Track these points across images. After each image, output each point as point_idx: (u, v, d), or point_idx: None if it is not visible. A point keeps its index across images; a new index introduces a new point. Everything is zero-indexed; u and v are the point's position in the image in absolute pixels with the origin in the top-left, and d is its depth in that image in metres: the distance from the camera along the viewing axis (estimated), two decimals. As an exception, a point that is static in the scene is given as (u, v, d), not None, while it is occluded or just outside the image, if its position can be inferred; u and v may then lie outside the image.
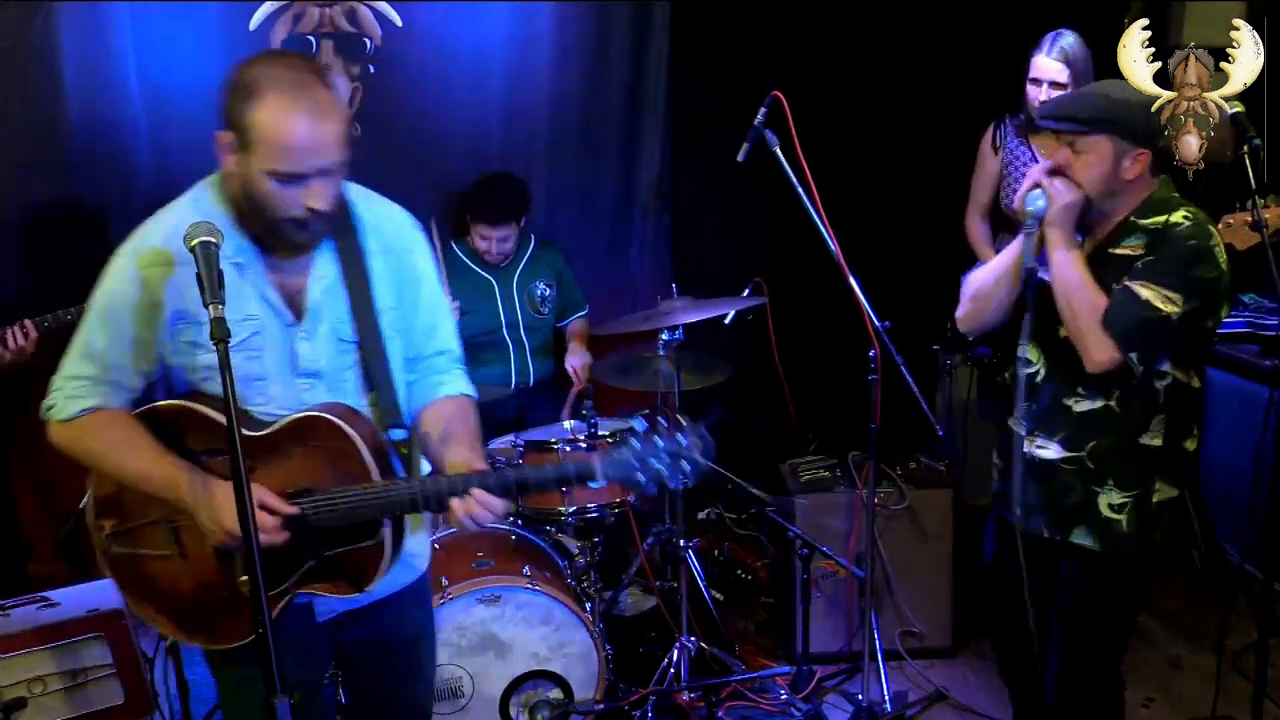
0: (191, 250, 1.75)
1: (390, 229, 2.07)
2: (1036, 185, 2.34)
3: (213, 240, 1.76)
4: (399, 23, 4.09)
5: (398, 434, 2.01)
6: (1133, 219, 2.34)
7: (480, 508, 1.87)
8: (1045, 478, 2.45)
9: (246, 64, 1.87)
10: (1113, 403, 2.35)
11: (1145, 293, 2.23)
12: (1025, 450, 2.45)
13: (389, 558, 1.95)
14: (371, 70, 4.10)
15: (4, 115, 3.81)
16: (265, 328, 1.95)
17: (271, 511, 1.87)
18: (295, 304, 1.98)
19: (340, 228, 2.00)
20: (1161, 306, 2.22)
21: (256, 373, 1.96)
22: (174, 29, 3.88)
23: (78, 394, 1.96)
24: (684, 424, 1.88)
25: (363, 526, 1.92)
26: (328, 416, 1.92)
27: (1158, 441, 2.36)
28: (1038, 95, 3.47)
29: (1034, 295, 2.38)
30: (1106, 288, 2.30)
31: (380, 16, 4.07)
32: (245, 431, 1.92)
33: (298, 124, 1.80)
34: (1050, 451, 2.43)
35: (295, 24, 4.01)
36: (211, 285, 1.71)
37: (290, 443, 1.93)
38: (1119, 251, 2.33)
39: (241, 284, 1.93)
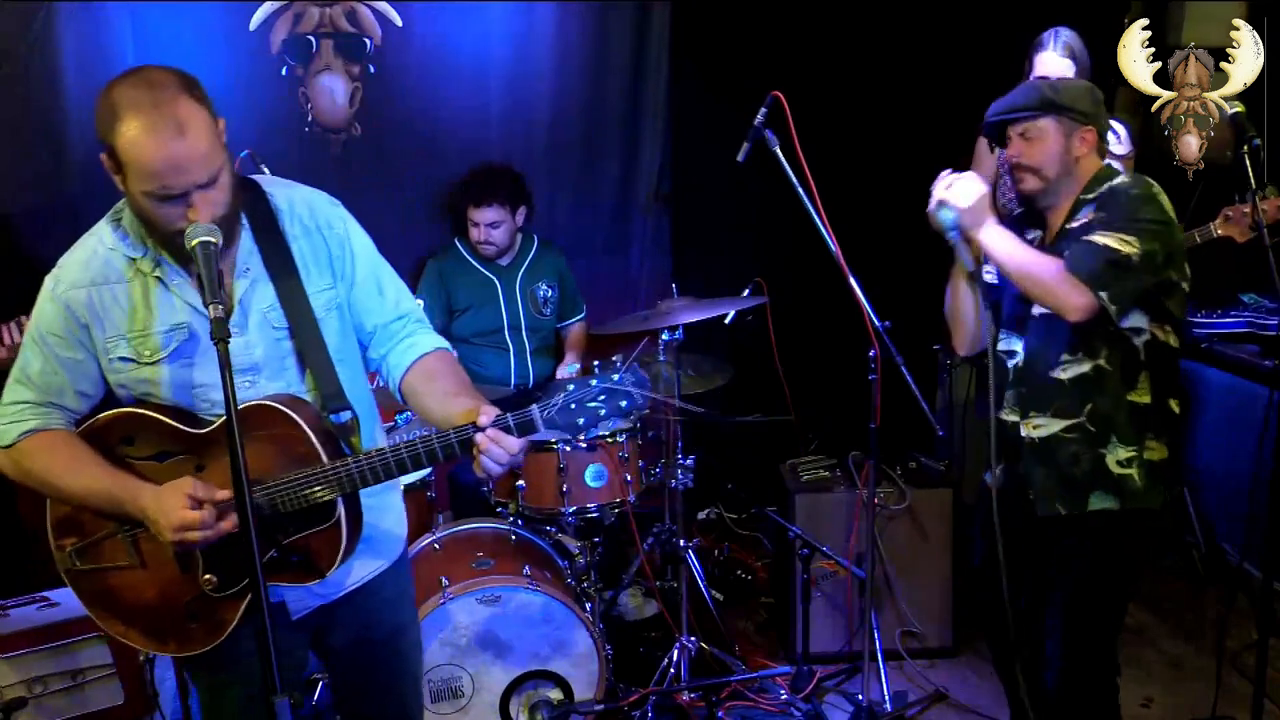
0: (191, 250, 1.76)
1: (305, 209, 2.05)
2: (939, 203, 2.45)
3: (212, 240, 1.76)
4: (399, 23, 4.09)
5: (342, 416, 2.00)
6: (1082, 197, 2.43)
7: (493, 445, 1.84)
8: (1048, 454, 2.47)
9: (111, 85, 1.85)
10: (1102, 361, 2.40)
11: (1101, 239, 2.30)
12: (1023, 435, 2.49)
13: (346, 539, 1.95)
14: (371, 70, 4.10)
15: (4, 115, 3.81)
16: (196, 334, 1.95)
17: (202, 502, 1.86)
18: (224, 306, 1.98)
19: (257, 218, 1.99)
20: (1120, 248, 2.29)
21: (195, 380, 1.96)
22: (174, 29, 3.88)
23: (17, 418, 1.98)
24: (616, 362, 1.87)
25: (317, 509, 1.92)
26: (268, 404, 1.92)
27: (1147, 399, 2.41)
28: None
29: (989, 292, 2.48)
30: None
31: (380, 16, 4.07)
32: (190, 430, 1.93)
33: (159, 146, 1.77)
34: (1048, 426, 2.47)
35: (295, 24, 4.01)
36: (211, 285, 1.72)
37: None
38: (1075, 225, 2.42)
39: (168, 296, 1.94)
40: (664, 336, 3.32)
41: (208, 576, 1.94)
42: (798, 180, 3.04)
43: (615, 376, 1.84)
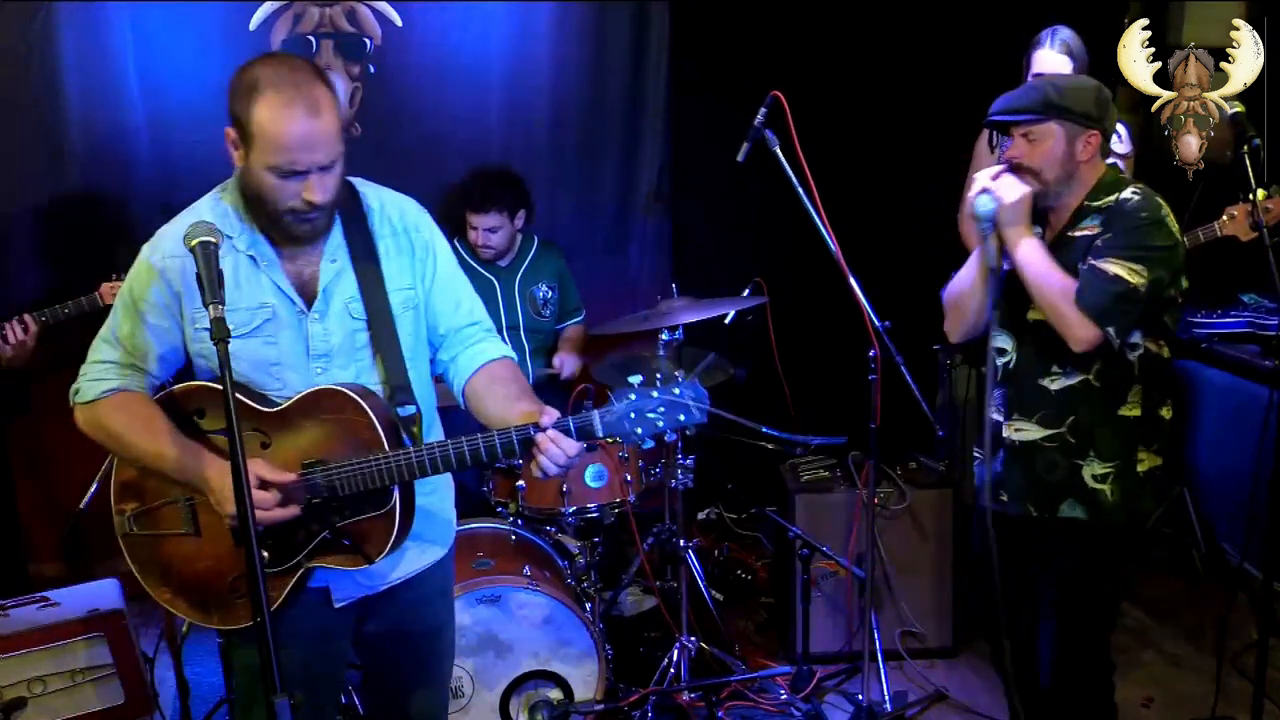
0: (191, 250, 1.78)
1: (395, 211, 2.14)
2: (983, 191, 2.41)
3: (212, 241, 1.79)
4: (399, 23, 4.09)
5: (407, 410, 2.06)
6: (1086, 203, 2.42)
7: (552, 445, 1.88)
8: (1027, 458, 2.50)
9: (249, 64, 1.93)
10: (1090, 377, 2.41)
11: (1112, 268, 2.30)
12: (1005, 436, 2.51)
13: (399, 527, 1.99)
14: (371, 70, 4.10)
15: (4, 115, 3.81)
16: (278, 315, 2.02)
17: (267, 485, 1.91)
18: (308, 290, 2.05)
19: (349, 214, 2.07)
20: (1129, 278, 2.29)
21: (272, 358, 2.03)
22: (174, 29, 3.88)
23: (101, 376, 2.04)
24: (678, 375, 1.89)
25: (373, 495, 1.96)
26: (340, 389, 1.99)
27: (1136, 412, 2.43)
28: None
29: (999, 290, 2.46)
30: (1071, 270, 2.37)
31: (380, 16, 4.08)
32: (261, 408, 2.00)
33: (294, 121, 1.86)
34: (1030, 432, 2.49)
35: (295, 24, 4.01)
36: (211, 285, 1.74)
37: (303, 416, 1.99)
38: (1077, 234, 2.41)
39: (256, 275, 2.01)
40: (664, 336, 3.32)
41: (261, 552, 1.96)
42: (798, 180, 3.04)
43: (677, 390, 1.86)
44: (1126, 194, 2.37)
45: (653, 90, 4.39)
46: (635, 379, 1.89)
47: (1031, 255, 2.38)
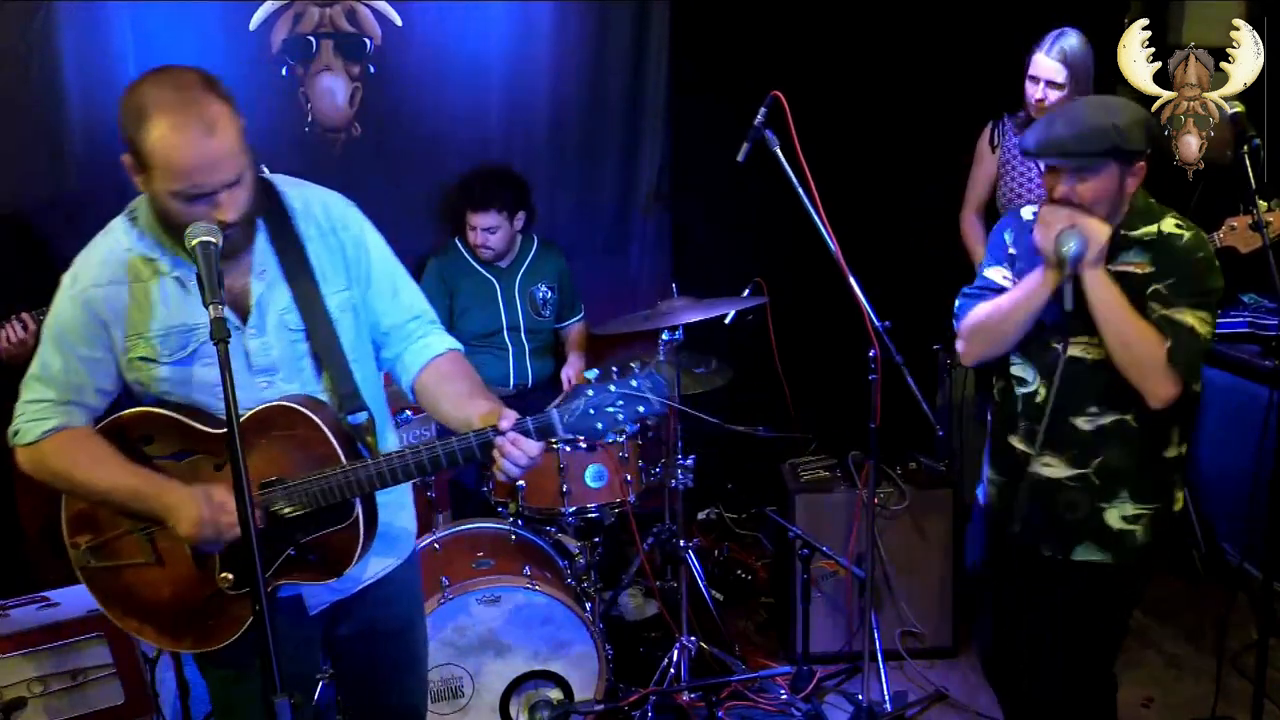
0: (191, 251, 1.76)
1: (320, 210, 2.06)
2: (1070, 227, 2.25)
3: (212, 240, 1.77)
4: (399, 23, 4.09)
5: (358, 418, 2.02)
6: (1123, 232, 2.33)
7: (513, 447, 1.86)
8: (1047, 495, 2.43)
9: (136, 84, 1.83)
10: (1129, 418, 2.35)
11: (1187, 320, 2.25)
12: (1031, 469, 2.42)
13: (363, 539, 1.97)
14: (371, 70, 4.09)
15: (4, 115, 3.81)
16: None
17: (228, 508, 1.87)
18: (241, 305, 1.98)
19: (272, 219, 2.00)
20: (1202, 330, 2.26)
21: (213, 379, 1.93)
22: (174, 29, 3.88)
23: (40, 416, 1.98)
24: (634, 367, 1.88)
25: (335, 510, 1.94)
26: (289, 404, 1.95)
27: (1174, 452, 2.39)
28: (1034, 93, 3.47)
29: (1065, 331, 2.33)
30: None
31: (380, 16, 4.07)
32: (210, 430, 1.94)
33: (189, 145, 1.77)
34: (1056, 470, 2.42)
35: (295, 24, 4.01)
36: (211, 285, 1.72)
37: (255, 435, 1.94)
38: (1121, 269, 2.32)
39: (185, 296, 1.95)
40: (664, 336, 3.32)
41: (224, 574, 1.95)
42: (798, 180, 3.03)
43: (634, 382, 1.86)
44: (1169, 228, 2.30)
45: (653, 90, 4.39)
46: (591, 374, 1.89)
47: (1110, 292, 2.26)
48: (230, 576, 1.95)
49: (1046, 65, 3.44)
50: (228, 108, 1.83)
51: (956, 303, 2.55)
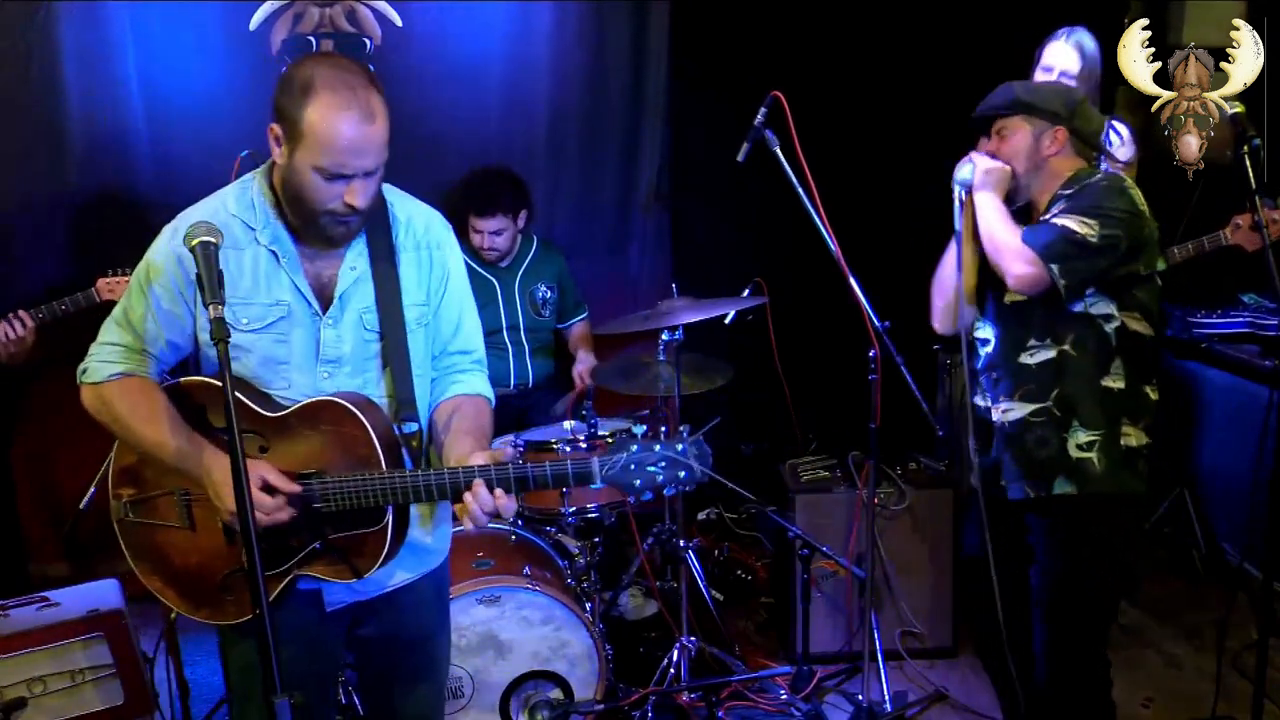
0: (191, 250, 1.77)
1: (421, 226, 2.13)
2: (967, 160, 2.56)
3: (213, 241, 1.78)
4: (399, 23, 4.09)
5: (410, 427, 2.05)
6: (1059, 192, 2.49)
7: (475, 504, 1.88)
8: (1018, 438, 2.52)
9: (302, 62, 1.94)
10: (1066, 347, 2.44)
11: (1062, 220, 2.39)
12: (995, 420, 2.55)
13: (390, 546, 1.98)
14: (371, 70, 4.09)
15: (4, 115, 3.81)
16: (293, 314, 2.01)
17: (274, 490, 1.90)
18: (325, 293, 2.03)
19: (375, 223, 2.06)
20: (1078, 229, 2.35)
21: (281, 356, 2.01)
22: (174, 29, 3.88)
23: (111, 359, 2.03)
24: (683, 432, 1.88)
25: (366, 512, 1.95)
26: (341, 402, 1.97)
27: (1119, 384, 2.45)
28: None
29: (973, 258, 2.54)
30: None
31: (380, 16, 4.08)
32: (262, 411, 1.98)
33: (348, 125, 1.87)
34: (1015, 410, 2.52)
35: (295, 24, 4.01)
36: (211, 285, 1.73)
37: (304, 425, 1.98)
38: (1048, 216, 2.47)
39: (276, 271, 2.00)
40: (664, 336, 3.32)
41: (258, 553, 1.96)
42: (798, 180, 3.04)
43: (679, 447, 1.86)
44: (1092, 176, 2.48)
45: (653, 90, 4.39)
46: (639, 429, 1.88)
47: (989, 208, 2.49)
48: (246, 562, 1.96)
49: (1062, 52, 3.43)
50: (384, 104, 1.94)
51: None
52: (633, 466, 1.86)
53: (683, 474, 1.86)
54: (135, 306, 2.02)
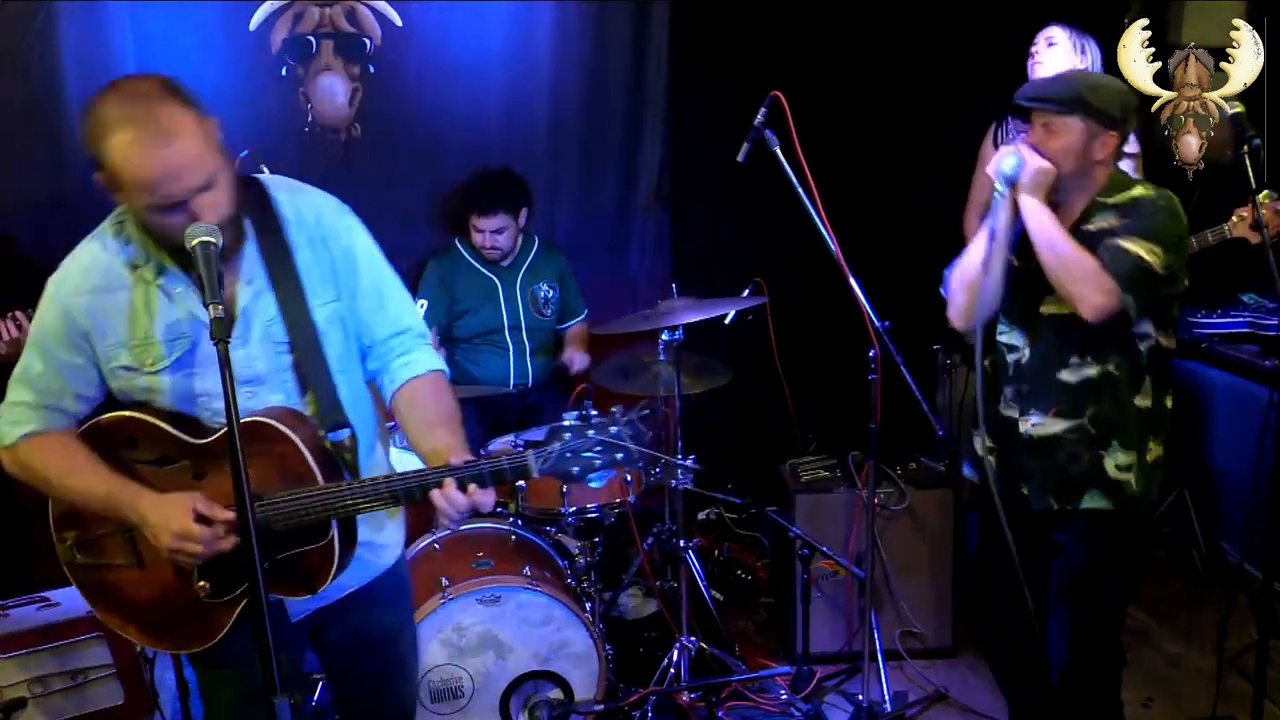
0: (191, 250, 1.74)
1: (312, 218, 2.02)
2: (1011, 152, 2.38)
3: (212, 240, 1.75)
4: (399, 23, 4.09)
5: (340, 434, 1.99)
6: (1099, 199, 2.41)
7: (448, 505, 1.87)
8: (1047, 452, 2.49)
9: (92, 103, 1.82)
10: (1110, 367, 2.41)
11: (1133, 246, 2.31)
12: (1022, 431, 2.51)
13: (338, 558, 1.95)
14: (371, 70, 4.10)
15: (4, 115, 3.81)
16: (198, 343, 1.93)
17: (209, 520, 1.86)
18: (227, 314, 1.87)
19: (263, 226, 1.97)
20: (1149, 258, 2.30)
21: (198, 389, 1.94)
22: (174, 29, 3.88)
23: (19, 419, 1.98)
24: (615, 414, 1.88)
25: (311, 528, 1.92)
26: (267, 421, 1.91)
27: (1148, 402, 2.44)
28: (1034, 51, 3.45)
29: (1010, 275, 2.44)
30: None
31: (380, 16, 4.07)
32: (191, 440, 1.92)
33: (146, 156, 1.74)
34: (1049, 426, 2.48)
35: (295, 24, 4.01)
36: (211, 285, 1.71)
37: None
38: (1092, 228, 2.40)
39: (170, 305, 1.92)
40: (664, 336, 3.32)
41: (201, 583, 1.94)
42: (798, 180, 3.03)
43: (613, 429, 1.86)
44: (1140, 191, 2.39)
45: (653, 90, 4.39)
46: (570, 416, 1.89)
47: (1043, 215, 2.34)
48: (207, 585, 1.94)
49: (1047, 30, 3.43)
50: (190, 112, 1.79)
51: (944, 275, 2.62)
52: (569, 455, 1.86)
53: (619, 455, 1.86)
54: (34, 364, 1.96)
